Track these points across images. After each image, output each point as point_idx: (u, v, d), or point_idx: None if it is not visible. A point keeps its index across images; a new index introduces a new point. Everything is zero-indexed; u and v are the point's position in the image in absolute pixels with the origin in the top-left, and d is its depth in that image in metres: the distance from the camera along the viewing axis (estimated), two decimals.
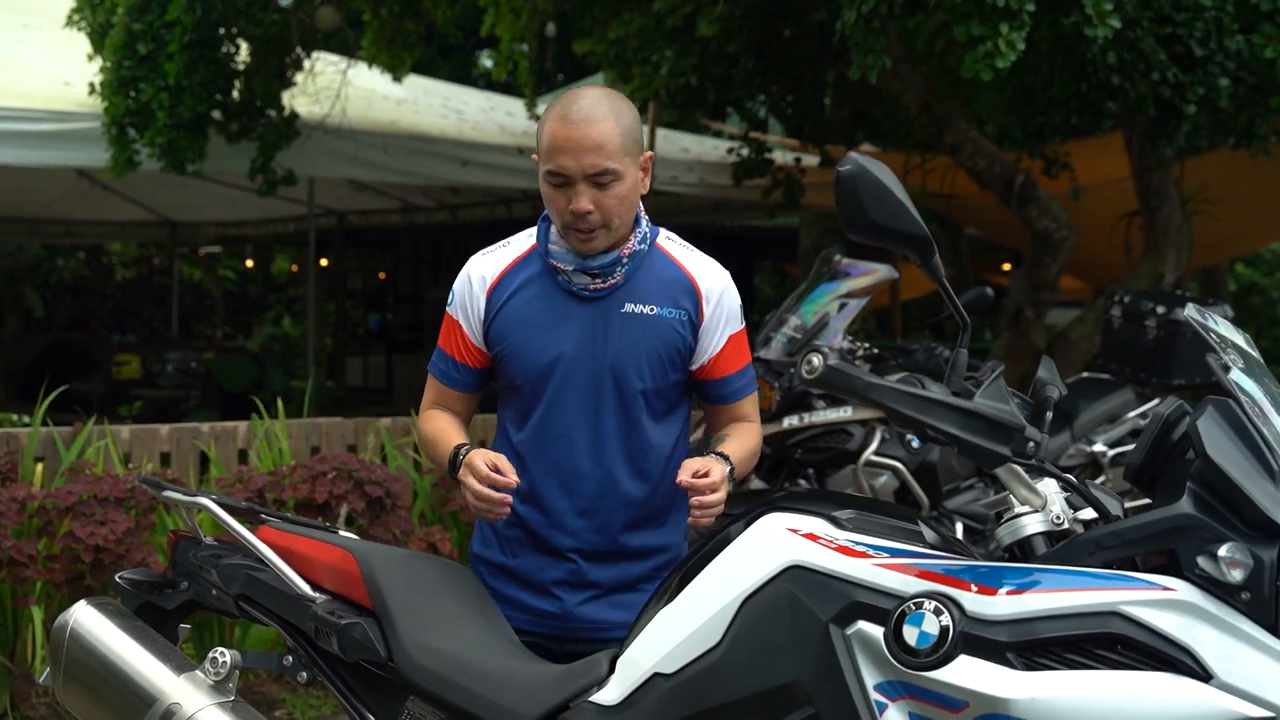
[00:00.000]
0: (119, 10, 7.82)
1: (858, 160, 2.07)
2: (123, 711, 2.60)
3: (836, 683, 2.09)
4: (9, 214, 15.13)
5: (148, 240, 18.23)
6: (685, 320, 2.78)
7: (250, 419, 5.81)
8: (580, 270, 2.75)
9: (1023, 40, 5.34)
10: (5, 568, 4.66)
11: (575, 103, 2.69)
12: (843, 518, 2.23)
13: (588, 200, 2.65)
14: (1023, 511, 2.20)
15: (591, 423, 2.76)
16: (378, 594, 2.53)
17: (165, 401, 12.46)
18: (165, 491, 2.84)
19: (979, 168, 8.00)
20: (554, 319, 2.77)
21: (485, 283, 2.82)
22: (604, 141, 2.64)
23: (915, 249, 2.11)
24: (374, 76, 9.71)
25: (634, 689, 2.33)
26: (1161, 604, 1.98)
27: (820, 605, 2.13)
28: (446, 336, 2.88)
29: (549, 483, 2.78)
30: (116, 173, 8.10)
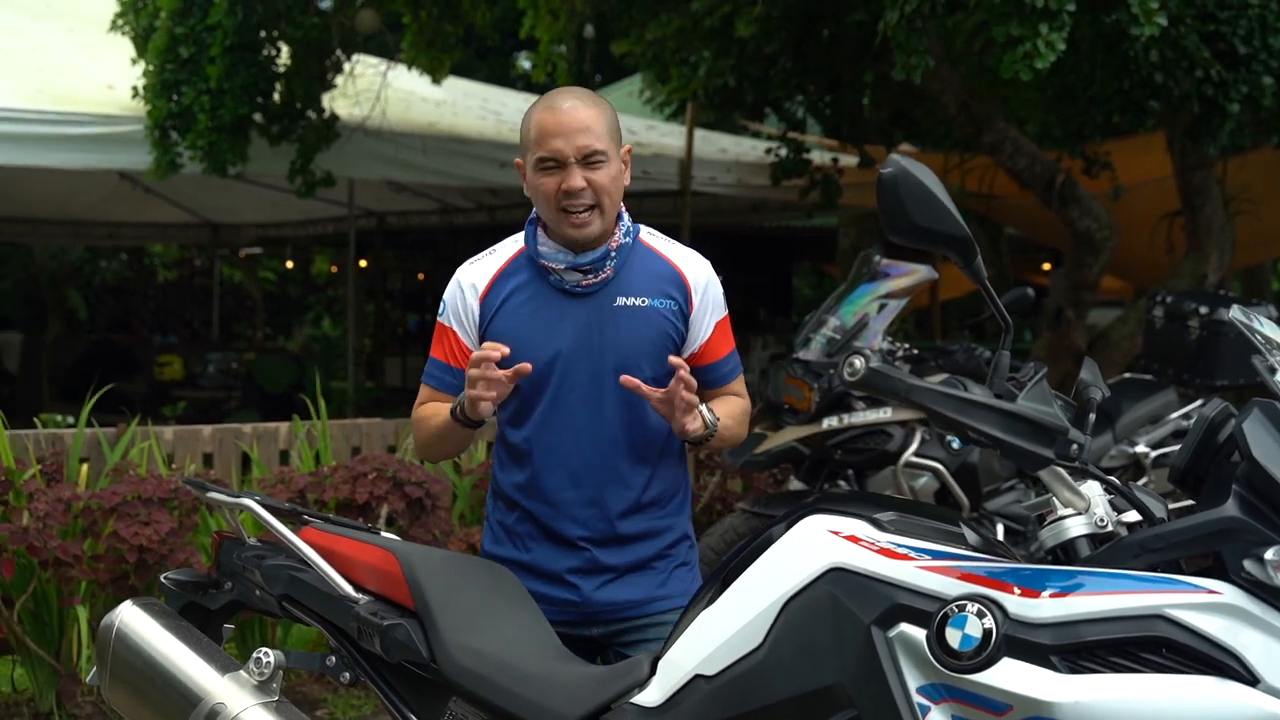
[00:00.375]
0: (162, 14, 7.88)
1: (899, 162, 2.07)
2: (168, 711, 2.62)
3: (879, 685, 2.08)
4: (53, 216, 15.28)
5: (189, 242, 18.36)
6: (676, 310, 2.89)
7: (291, 419, 5.84)
8: (571, 268, 2.84)
9: (1062, 40, 5.31)
10: (51, 567, 4.70)
11: (560, 95, 2.84)
12: (884, 520, 2.23)
13: (580, 179, 2.76)
14: (1066, 514, 2.19)
15: (594, 415, 2.84)
16: (420, 595, 2.54)
17: (207, 402, 12.55)
18: (209, 492, 2.86)
19: (1019, 167, 7.96)
20: (549, 318, 2.85)
21: (477, 290, 2.90)
22: (592, 124, 2.78)
23: (957, 251, 2.10)
24: (413, 78, 9.76)
25: (675, 690, 2.33)
26: (1207, 607, 1.97)
27: (862, 607, 2.13)
28: (440, 345, 2.95)
29: (556, 475, 2.85)
30: (159, 175, 8.18)
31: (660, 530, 2.92)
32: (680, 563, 2.97)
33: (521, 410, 2.88)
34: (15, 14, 10.75)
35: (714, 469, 6.09)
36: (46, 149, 8.27)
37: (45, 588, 4.81)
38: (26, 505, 4.76)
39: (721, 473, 6.02)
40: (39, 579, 4.74)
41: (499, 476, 2.97)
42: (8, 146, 8.16)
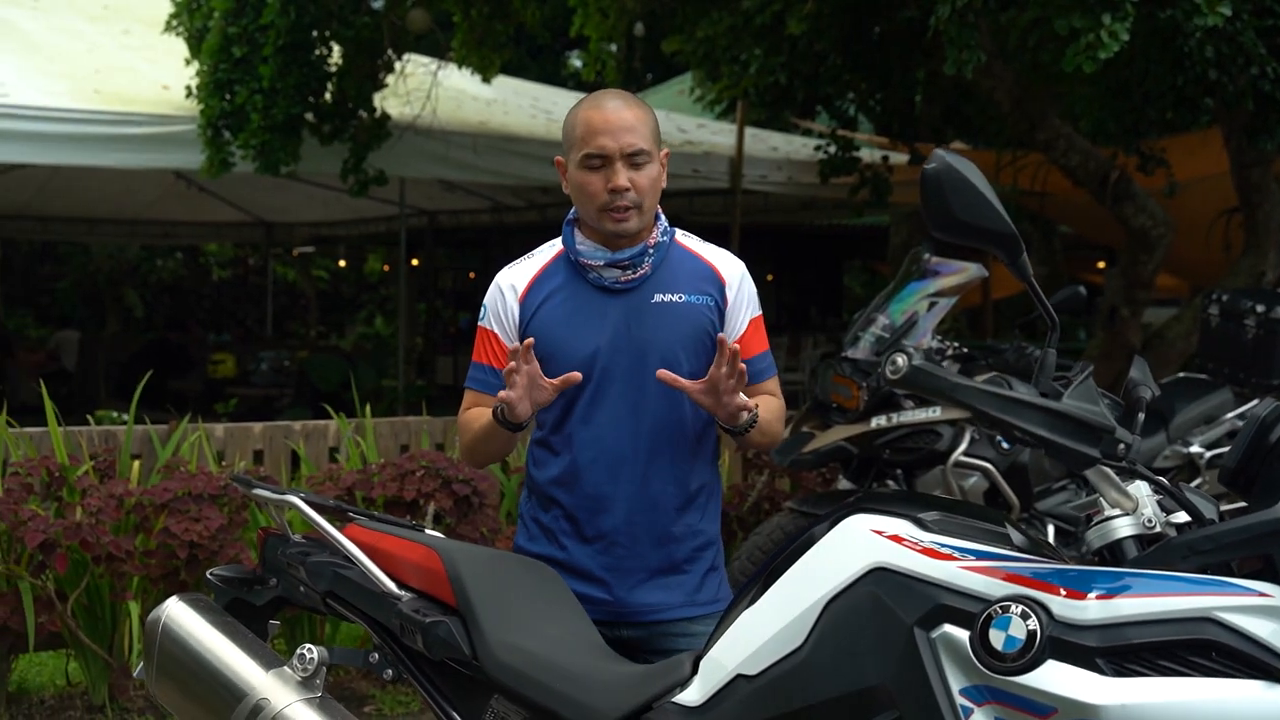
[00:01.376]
0: (215, 14, 7.95)
1: (944, 157, 2.04)
2: (213, 705, 2.63)
3: (921, 686, 2.06)
4: (110, 215, 15.50)
5: (243, 241, 18.54)
6: (713, 305, 2.92)
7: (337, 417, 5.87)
8: (610, 264, 2.87)
9: (1126, 30, 5.24)
10: (104, 563, 4.75)
11: (605, 95, 2.88)
12: (928, 519, 2.20)
13: (625, 178, 2.79)
14: (1113, 514, 2.16)
15: (635, 410, 2.85)
16: (462, 592, 2.54)
17: (259, 400, 12.65)
18: (255, 489, 2.87)
19: (1072, 164, 7.88)
20: (588, 315, 2.88)
21: (516, 291, 2.92)
22: (638, 125, 2.82)
23: (1003, 247, 2.07)
24: (464, 77, 9.78)
25: (717, 690, 2.31)
26: (1258, 610, 1.93)
27: (905, 608, 2.11)
28: (482, 349, 2.98)
29: (596, 470, 2.86)
30: (212, 174, 8.25)
31: (695, 531, 2.93)
32: (711, 567, 2.96)
33: (562, 405, 2.88)
34: (73, 17, 10.89)
35: (762, 468, 6.06)
36: (102, 149, 8.36)
37: (98, 583, 4.87)
38: (80, 501, 4.81)
39: (770, 472, 5.99)
40: (92, 574, 4.80)
41: (534, 474, 2.98)
42: (65, 147, 8.26)
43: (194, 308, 19.49)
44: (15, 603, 4.70)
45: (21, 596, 4.69)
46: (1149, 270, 8.19)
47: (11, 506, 4.68)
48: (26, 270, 20.32)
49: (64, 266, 19.92)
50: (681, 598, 2.89)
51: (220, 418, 9.18)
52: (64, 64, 9.39)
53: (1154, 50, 6.50)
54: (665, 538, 2.88)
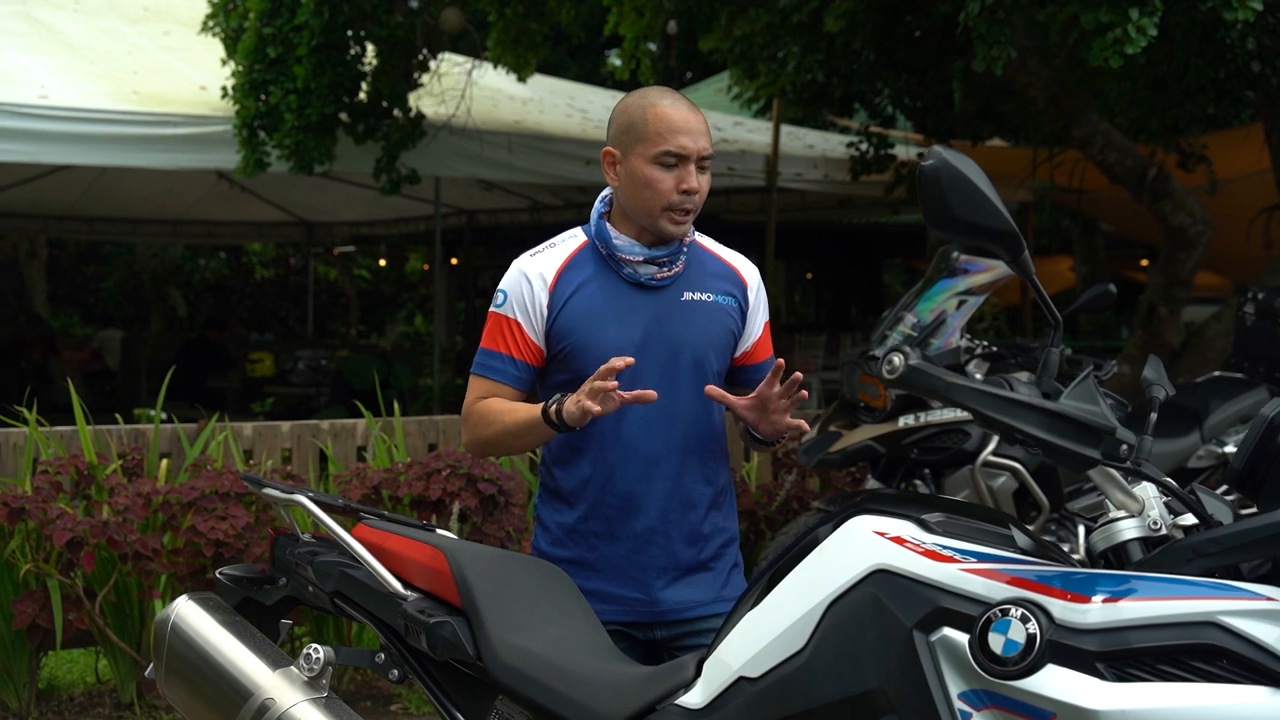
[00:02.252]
0: (250, 15, 7.99)
1: (941, 154, 2.01)
2: (219, 704, 2.63)
3: (920, 690, 2.03)
4: (154, 216, 15.60)
5: (284, 240, 18.64)
6: (735, 307, 2.94)
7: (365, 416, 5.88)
8: (647, 260, 2.85)
9: (1153, 25, 5.18)
10: (131, 561, 4.77)
11: (672, 94, 2.86)
12: (931, 521, 2.17)
13: (697, 180, 2.80)
14: (1118, 516, 2.12)
15: (667, 409, 2.81)
16: (467, 592, 2.53)
17: (297, 399, 12.70)
18: (265, 489, 2.87)
19: (1110, 161, 7.80)
20: (620, 310, 2.85)
21: (545, 281, 2.87)
22: (708, 130, 2.84)
23: (1003, 245, 2.04)
24: (500, 77, 9.79)
25: (720, 692, 2.29)
26: (1262, 614, 1.89)
27: (904, 610, 2.08)
28: (499, 337, 2.91)
29: (627, 469, 2.83)
30: (247, 174, 8.29)
31: (721, 528, 2.94)
32: (734, 563, 2.97)
33: None
34: (114, 19, 10.97)
35: (791, 467, 6.03)
36: (140, 149, 8.41)
37: (126, 580, 4.89)
38: (107, 500, 4.84)
39: (799, 471, 5.96)
40: (120, 572, 4.82)
41: (558, 475, 2.92)
42: (103, 147, 8.33)
43: (236, 307, 19.62)
44: (44, 600, 4.74)
45: (50, 594, 4.72)
46: (1187, 268, 8.09)
47: (40, 505, 4.72)
48: (73, 270, 20.54)
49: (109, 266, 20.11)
50: (711, 594, 2.88)
51: (255, 416, 9.23)
52: (104, 65, 9.46)
53: (1193, 43, 6.42)
54: (696, 536, 2.88)
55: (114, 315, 18.40)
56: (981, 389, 1.94)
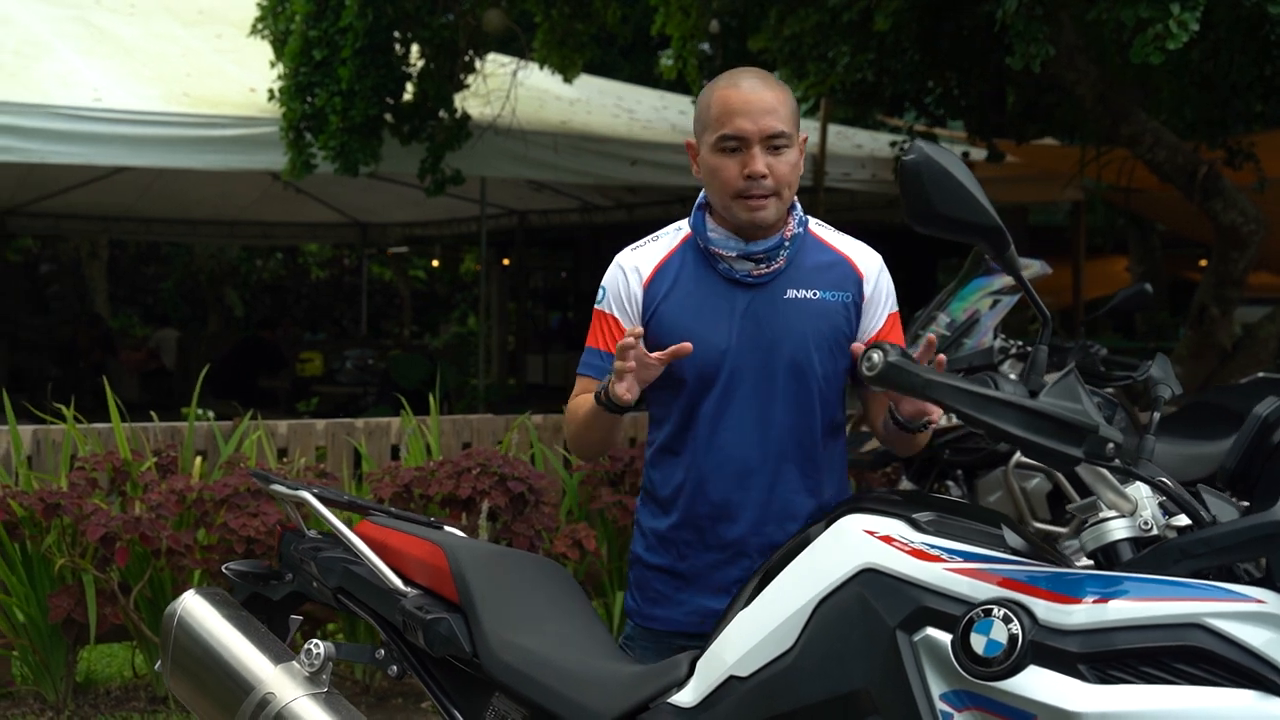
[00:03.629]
0: (297, 18, 8.05)
1: (923, 149, 1.99)
2: (222, 698, 2.65)
3: (902, 690, 2.01)
4: (211, 217, 15.78)
5: (339, 241, 18.78)
6: (849, 302, 2.77)
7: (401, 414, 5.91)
8: (743, 256, 2.73)
9: (1195, 20, 5.10)
10: (164, 556, 4.82)
11: (743, 74, 2.73)
12: (922, 520, 2.15)
13: (763, 163, 2.66)
14: (1108, 516, 2.09)
15: (762, 412, 2.71)
16: (465, 589, 2.54)
17: (345, 398, 12.80)
18: (271, 484, 2.89)
19: (1159, 160, 7.69)
20: (717, 309, 2.73)
21: (641, 276, 2.79)
22: (778, 106, 2.68)
23: (988, 241, 2.01)
24: (547, 77, 9.81)
25: (711, 691, 2.29)
26: (1249, 617, 1.86)
27: (889, 610, 2.06)
28: (598, 334, 2.83)
29: (720, 476, 2.72)
30: (294, 175, 8.35)
31: None
32: None
33: (686, 406, 2.75)
34: (169, 22, 11.11)
35: None
36: (190, 151, 8.50)
37: (160, 576, 4.94)
38: (141, 496, 4.89)
39: None
40: (154, 567, 4.87)
41: (654, 478, 2.83)
42: (154, 149, 8.42)
43: (292, 307, 19.81)
44: (79, 595, 4.80)
45: (85, 589, 4.79)
46: (1240, 268, 7.97)
47: (76, 501, 4.78)
48: (133, 271, 20.81)
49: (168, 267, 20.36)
50: None
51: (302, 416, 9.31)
52: (157, 68, 9.58)
53: (1238, 39, 6.33)
54: None
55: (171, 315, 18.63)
56: (960, 386, 1.91)
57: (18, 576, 4.92)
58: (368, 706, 5.18)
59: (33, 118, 7.91)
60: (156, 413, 5.77)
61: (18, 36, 9.47)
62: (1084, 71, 7.34)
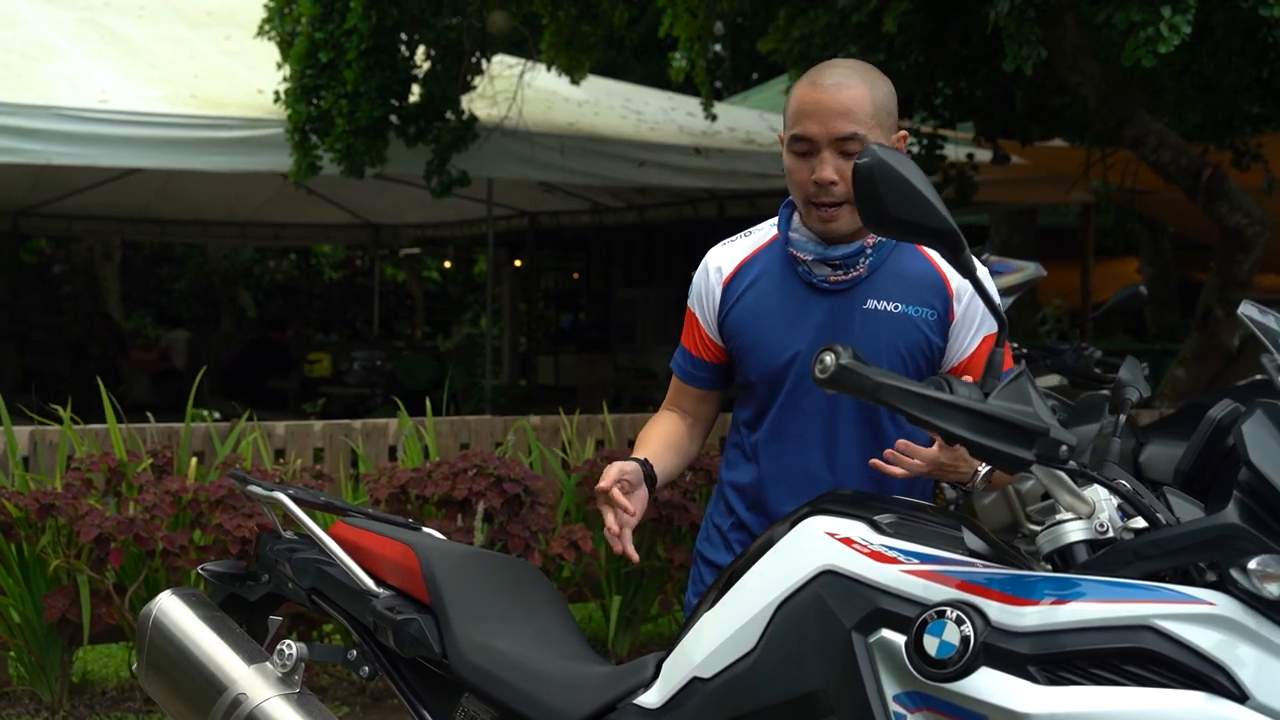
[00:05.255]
0: (303, 20, 8.08)
1: (876, 153, 1.99)
2: (194, 699, 2.67)
3: (857, 692, 2.01)
4: (223, 218, 15.85)
5: (351, 242, 18.85)
6: (934, 319, 2.60)
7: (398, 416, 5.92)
8: (821, 260, 2.60)
9: (1187, 24, 5.10)
10: (159, 557, 4.85)
11: (828, 68, 2.58)
12: (883, 522, 2.15)
13: (832, 169, 2.51)
14: (1065, 518, 2.09)
15: (828, 425, 2.61)
16: (435, 590, 2.55)
17: (353, 399, 12.85)
18: (248, 485, 2.91)
19: (1163, 161, 7.68)
20: (792, 313, 2.63)
21: (722, 274, 2.71)
22: (854, 107, 2.51)
23: (942, 244, 2.01)
24: (555, 79, 9.84)
25: (675, 692, 2.29)
26: (1198, 618, 1.85)
27: (845, 611, 2.06)
28: (687, 332, 2.79)
29: (779, 487, 2.65)
30: (300, 177, 8.38)
31: None
32: None
33: (756, 411, 2.70)
34: (177, 23, 11.17)
35: None
36: (196, 152, 8.55)
37: (155, 576, 4.96)
38: (136, 497, 4.92)
39: None
40: (149, 568, 4.90)
41: (724, 476, 2.78)
42: (160, 150, 8.47)
43: (305, 308, 19.87)
44: (74, 595, 4.83)
45: (80, 589, 4.81)
46: (1245, 269, 7.95)
47: (71, 501, 4.81)
48: (146, 272, 20.90)
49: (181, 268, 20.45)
50: None
51: (308, 417, 9.33)
52: (165, 69, 9.63)
53: (1235, 41, 6.31)
54: None
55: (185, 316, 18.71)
56: (908, 389, 1.91)
57: (13, 577, 4.95)
58: (363, 707, 5.21)
59: (39, 119, 7.97)
60: (167, 413, 5.81)
61: (25, 38, 9.53)
62: (1088, 73, 7.33)
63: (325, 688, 5.29)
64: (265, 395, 11.66)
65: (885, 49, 8.54)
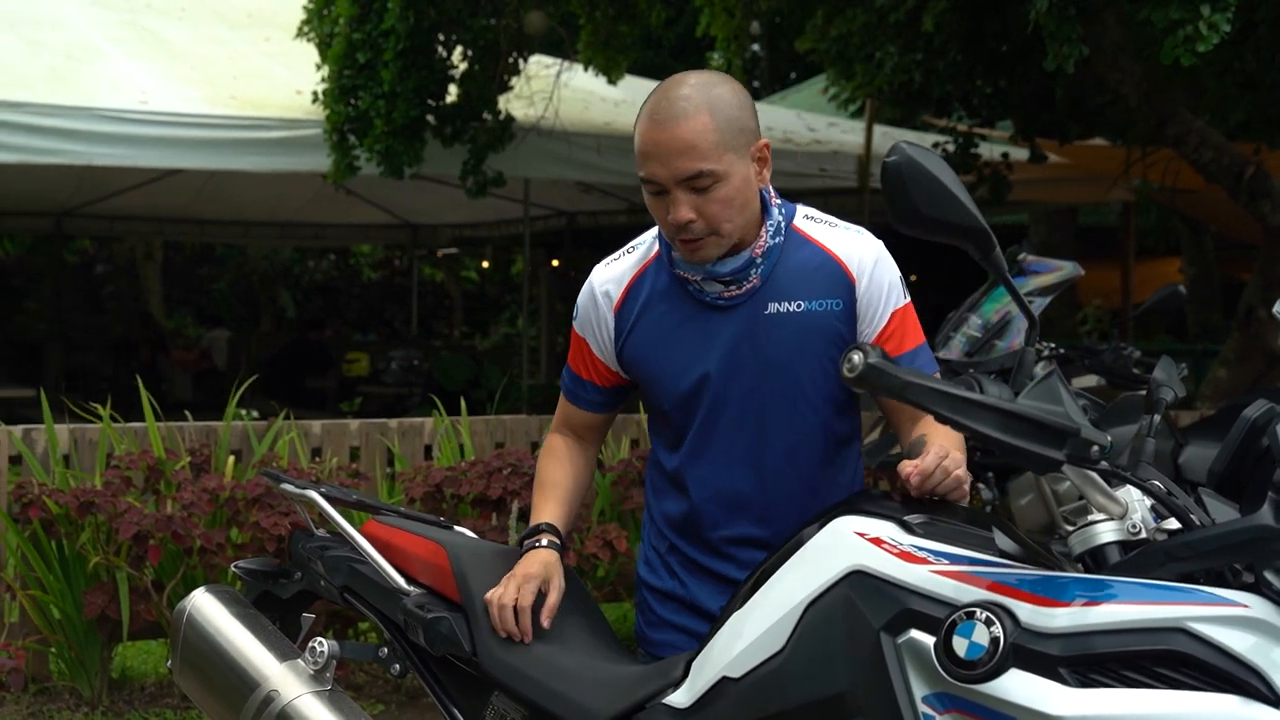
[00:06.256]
0: (340, 21, 8.11)
1: (905, 150, 1.98)
2: (227, 695, 2.68)
3: (886, 693, 2.01)
4: (264, 219, 15.94)
5: (390, 242, 18.91)
6: (840, 309, 2.50)
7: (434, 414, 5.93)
8: (711, 278, 2.49)
9: (1227, 22, 5.05)
10: (197, 554, 4.88)
11: (665, 98, 2.41)
12: (914, 522, 2.14)
13: (687, 209, 2.38)
14: (1096, 519, 2.07)
15: (752, 441, 2.52)
16: (465, 588, 2.55)
17: (390, 398, 12.88)
18: (281, 484, 2.92)
19: (1205, 160, 7.61)
20: (693, 334, 2.52)
21: (611, 299, 2.60)
22: (696, 141, 2.35)
23: (972, 242, 2.00)
24: (592, 79, 9.84)
25: (704, 692, 2.29)
26: (1232, 621, 1.84)
27: (874, 612, 2.05)
28: (574, 354, 2.70)
29: (711, 510, 2.57)
30: (338, 177, 8.41)
31: None
32: None
33: (674, 436, 2.60)
34: (218, 25, 11.23)
35: None
36: (235, 153, 8.59)
37: (192, 574, 4.99)
38: (174, 495, 4.95)
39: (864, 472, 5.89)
40: (186, 565, 4.93)
41: (652, 503, 2.70)
42: (199, 150, 8.51)
43: (344, 308, 19.96)
44: (113, 592, 4.87)
45: (119, 586, 4.85)
46: None
47: (110, 499, 4.84)
48: (187, 272, 21.05)
49: (221, 268, 20.58)
50: None
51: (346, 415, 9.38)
52: (204, 70, 9.69)
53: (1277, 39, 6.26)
54: None
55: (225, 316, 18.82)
56: (938, 388, 1.90)
57: (54, 574, 4.99)
58: (398, 705, 5.22)
59: (81, 120, 8.03)
60: (208, 412, 5.85)
61: (69, 40, 9.61)
62: (1128, 71, 7.27)
63: (361, 685, 5.32)
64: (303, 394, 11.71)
65: (923, 48, 8.50)
